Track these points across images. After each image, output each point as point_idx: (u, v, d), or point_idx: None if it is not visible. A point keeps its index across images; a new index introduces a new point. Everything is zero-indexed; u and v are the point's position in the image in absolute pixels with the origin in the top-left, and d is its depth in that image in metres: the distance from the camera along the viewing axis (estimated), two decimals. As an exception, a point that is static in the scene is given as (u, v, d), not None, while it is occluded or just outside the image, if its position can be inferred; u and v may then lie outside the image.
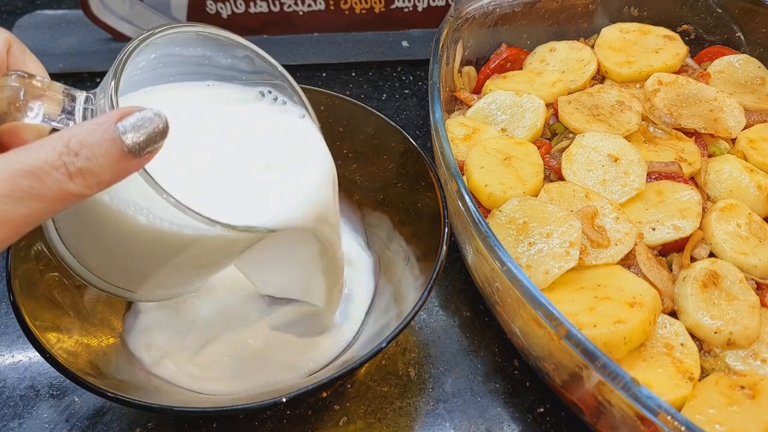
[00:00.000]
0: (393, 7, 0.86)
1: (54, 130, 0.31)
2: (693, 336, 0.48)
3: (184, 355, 0.49)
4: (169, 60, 0.40)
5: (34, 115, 0.31)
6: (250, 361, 0.50)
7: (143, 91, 0.40)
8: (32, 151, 0.27)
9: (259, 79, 0.43)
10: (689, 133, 0.63)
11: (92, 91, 0.34)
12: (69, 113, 0.32)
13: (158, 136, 0.30)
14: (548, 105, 0.65)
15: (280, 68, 0.43)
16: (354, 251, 0.57)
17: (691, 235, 0.53)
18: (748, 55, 0.71)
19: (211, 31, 0.40)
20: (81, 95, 0.33)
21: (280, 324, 0.52)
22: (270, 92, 0.44)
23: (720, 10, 0.74)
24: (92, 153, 0.28)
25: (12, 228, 0.27)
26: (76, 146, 0.28)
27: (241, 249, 0.41)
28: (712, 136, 0.62)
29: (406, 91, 0.83)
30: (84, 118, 0.33)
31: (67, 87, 0.33)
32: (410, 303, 0.45)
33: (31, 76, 0.32)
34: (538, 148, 0.61)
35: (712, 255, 0.53)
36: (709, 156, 0.61)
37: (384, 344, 0.42)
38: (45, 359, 0.40)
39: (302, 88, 0.60)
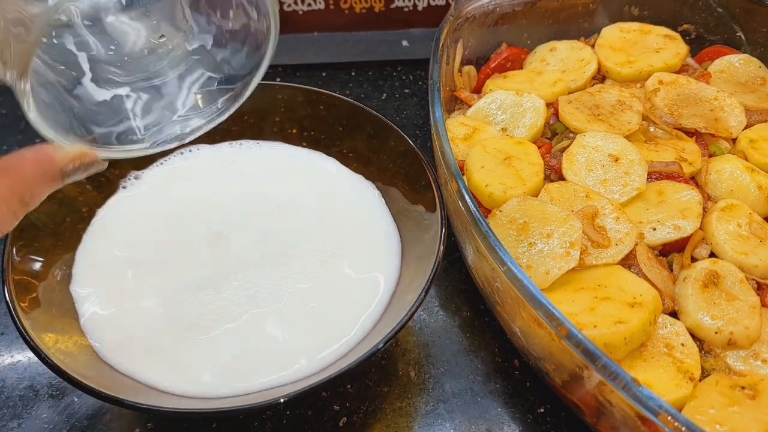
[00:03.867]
0: (393, 6, 0.86)
1: None
2: (693, 336, 0.48)
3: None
4: None
5: None
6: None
7: None
8: None
9: None
10: (690, 133, 0.62)
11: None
12: None
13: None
14: (548, 104, 0.65)
15: None
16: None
17: (691, 235, 0.53)
18: (748, 55, 0.71)
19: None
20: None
21: None
22: None
23: (720, 10, 0.74)
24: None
25: None
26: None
27: None
28: (712, 135, 0.62)
29: (406, 91, 0.83)
30: None
31: None
32: (408, 303, 0.45)
33: None
34: (539, 147, 0.61)
35: (712, 255, 0.53)
36: (710, 156, 0.61)
37: (381, 345, 0.42)
38: (41, 360, 0.40)
39: (302, 89, 0.61)
